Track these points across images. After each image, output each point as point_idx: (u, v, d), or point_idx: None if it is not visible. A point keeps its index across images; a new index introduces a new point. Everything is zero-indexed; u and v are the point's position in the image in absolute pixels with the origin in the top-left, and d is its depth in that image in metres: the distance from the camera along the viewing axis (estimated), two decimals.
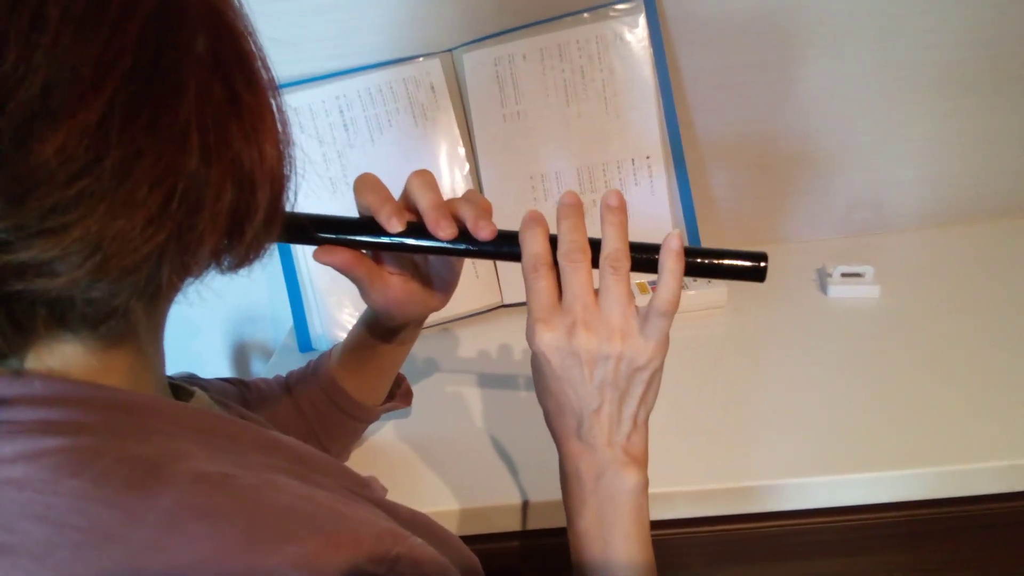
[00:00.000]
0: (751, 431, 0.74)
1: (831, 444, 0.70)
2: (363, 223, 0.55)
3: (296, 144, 0.42)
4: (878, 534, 0.70)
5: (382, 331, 0.68)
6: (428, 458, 0.76)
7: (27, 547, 0.32)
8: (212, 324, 1.24)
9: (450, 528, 0.67)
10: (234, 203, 0.37)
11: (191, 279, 0.40)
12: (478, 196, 0.57)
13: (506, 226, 0.54)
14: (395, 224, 0.54)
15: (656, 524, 0.55)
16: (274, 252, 0.44)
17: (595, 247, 0.51)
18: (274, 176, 0.40)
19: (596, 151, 1.06)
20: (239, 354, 1.27)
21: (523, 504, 0.68)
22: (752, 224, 1.20)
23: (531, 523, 0.68)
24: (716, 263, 0.53)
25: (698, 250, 0.53)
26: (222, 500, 0.34)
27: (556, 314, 0.51)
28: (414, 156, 1.03)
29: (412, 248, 0.55)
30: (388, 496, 0.50)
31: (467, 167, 1.06)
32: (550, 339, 0.51)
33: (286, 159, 0.41)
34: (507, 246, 0.54)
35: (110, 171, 0.31)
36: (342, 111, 1.02)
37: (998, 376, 0.78)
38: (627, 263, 0.50)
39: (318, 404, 0.70)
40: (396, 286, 0.61)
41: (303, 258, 1.04)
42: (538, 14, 1.05)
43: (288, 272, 1.05)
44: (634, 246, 0.52)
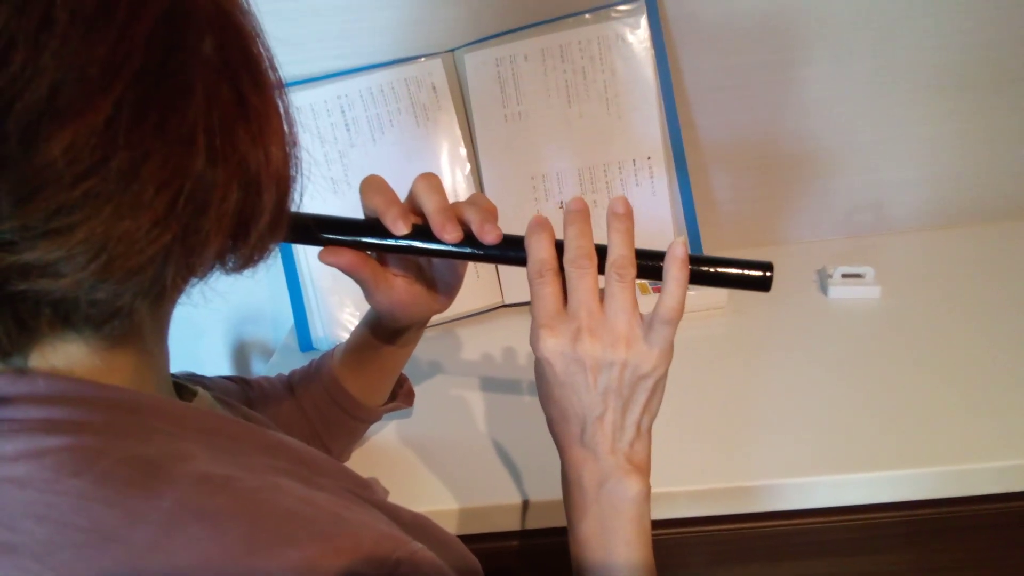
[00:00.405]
0: (752, 431, 0.74)
1: (831, 444, 0.70)
2: (369, 225, 0.55)
3: (301, 145, 0.42)
4: (879, 534, 0.70)
5: (385, 332, 0.68)
6: (429, 457, 0.76)
7: (28, 546, 0.32)
8: (213, 323, 1.24)
9: (451, 527, 0.67)
10: (240, 205, 0.37)
11: (196, 280, 0.40)
12: (484, 200, 0.57)
13: (508, 227, 0.54)
14: (401, 227, 0.54)
15: (657, 523, 0.55)
16: (276, 252, 0.44)
17: (600, 253, 0.51)
18: (280, 178, 0.40)
19: (597, 152, 1.06)
20: (239, 353, 1.27)
21: (523, 504, 0.68)
22: (753, 225, 1.21)
23: (531, 523, 0.68)
24: (722, 272, 0.52)
25: (704, 258, 0.52)
26: (224, 502, 0.34)
27: (561, 320, 0.51)
28: (415, 156, 1.03)
29: (417, 251, 0.55)
30: (389, 495, 0.50)
31: (468, 167, 1.06)
32: (554, 345, 0.50)
33: (292, 160, 0.41)
34: (512, 251, 0.54)
35: (116, 172, 0.31)
36: (344, 111, 1.02)
37: (998, 376, 0.78)
38: (633, 270, 0.50)
39: (320, 404, 0.70)
40: (400, 288, 0.61)
41: (304, 258, 1.04)
42: (540, 15, 1.05)
43: (289, 272, 1.05)
44: (640, 253, 0.51)
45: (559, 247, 0.52)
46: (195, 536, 0.33)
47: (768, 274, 0.52)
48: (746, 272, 0.52)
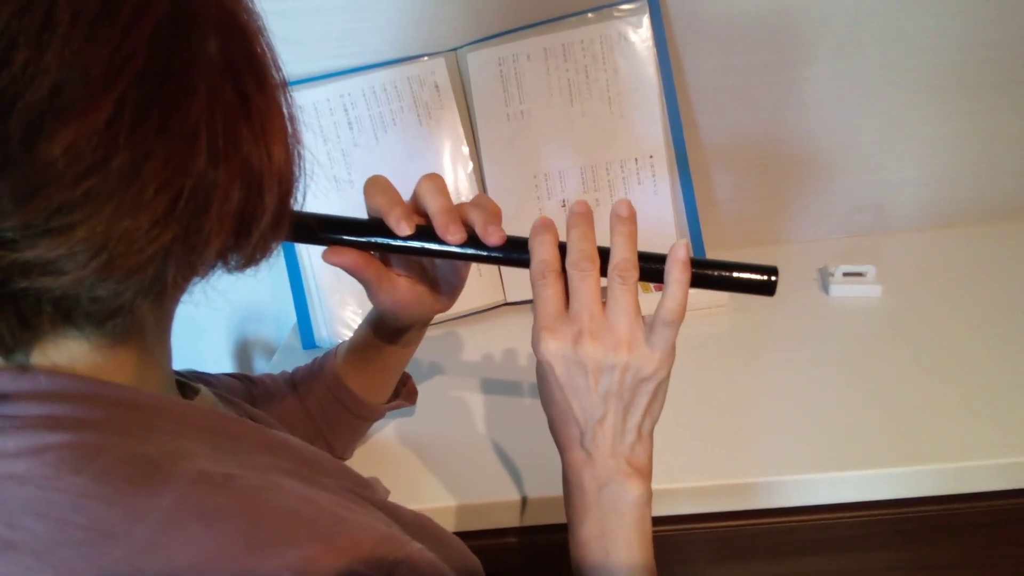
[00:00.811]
0: (752, 428, 0.74)
1: (832, 441, 0.70)
2: (372, 225, 0.55)
3: (304, 144, 0.42)
4: (878, 531, 0.70)
5: (387, 332, 0.68)
6: (429, 455, 0.76)
7: (28, 544, 0.32)
8: (215, 322, 1.24)
9: (450, 524, 0.68)
10: (242, 204, 0.37)
11: (198, 278, 0.40)
12: (488, 201, 0.57)
13: (510, 226, 0.54)
14: (404, 227, 0.54)
15: (658, 520, 0.55)
16: (279, 251, 0.44)
17: (603, 256, 0.51)
18: (282, 177, 0.40)
19: (600, 151, 1.06)
20: (242, 352, 1.28)
21: (522, 500, 0.68)
22: (754, 224, 1.21)
23: (529, 519, 0.69)
24: (726, 276, 0.52)
25: (709, 262, 0.52)
26: (223, 501, 0.34)
27: (563, 322, 0.51)
28: (418, 155, 1.04)
29: (420, 251, 0.55)
30: (391, 494, 0.50)
31: (471, 166, 1.06)
32: (556, 347, 0.50)
33: (295, 160, 0.41)
34: (516, 252, 0.54)
35: (117, 172, 0.31)
36: (347, 109, 1.03)
37: (997, 375, 0.78)
38: (635, 273, 0.50)
39: (323, 401, 0.71)
40: (403, 288, 0.62)
41: (307, 257, 1.04)
42: (542, 14, 1.06)
43: (292, 270, 1.05)
44: (643, 256, 0.51)
45: (562, 249, 0.52)
46: (195, 534, 0.33)
47: (773, 279, 0.51)
48: (751, 276, 0.52)
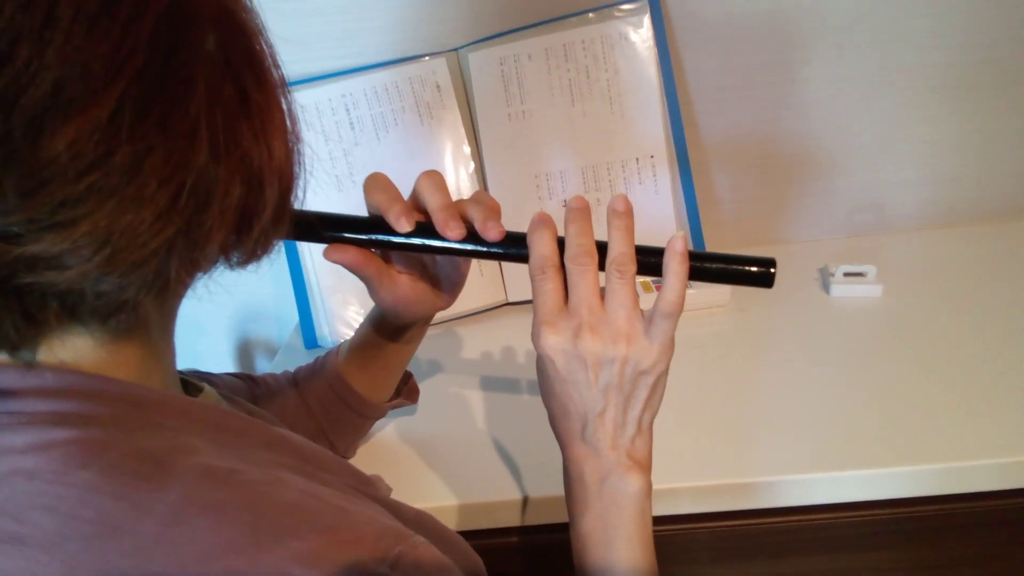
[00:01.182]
0: (753, 428, 0.74)
1: (832, 441, 0.70)
2: (372, 222, 0.56)
3: (304, 141, 0.43)
4: (879, 530, 0.70)
5: (389, 329, 0.68)
6: (431, 454, 0.76)
7: (37, 538, 0.32)
8: (217, 321, 1.25)
9: (452, 523, 0.68)
10: (242, 200, 0.37)
11: (200, 274, 0.40)
12: (487, 197, 0.57)
13: (511, 225, 0.54)
14: (404, 224, 0.54)
15: (659, 520, 0.55)
16: (280, 249, 0.44)
17: (601, 250, 0.51)
18: (283, 173, 0.40)
19: (600, 150, 1.06)
20: (244, 351, 1.28)
21: (523, 500, 0.68)
22: (755, 224, 1.21)
23: (531, 519, 0.69)
24: (724, 268, 0.52)
25: (706, 255, 0.52)
26: (228, 495, 0.35)
27: (562, 317, 0.51)
28: (419, 155, 1.04)
29: (421, 248, 0.55)
30: (393, 492, 0.50)
31: (472, 166, 1.07)
32: (555, 342, 0.50)
33: (295, 156, 0.42)
34: (515, 248, 0.54)
35: (119, 167, 0.32)
36: (348, 109, 1.03)
37: (998, 374, 0.78)
38: (633, 267, 0.50)
39: (325, 400, 0.71)
40: (404, 285, 0.62)
41: (309, 256, 1.04)
42: (543, 14, 1.06)
43: (294, 270, 1.06)
44: (640, 249, 0.51)
45: (561, 244, 0.52)
46: (200, 528, 0.33)
47: (771, 270, 0.52)
48: (749, 268, 0.52)
